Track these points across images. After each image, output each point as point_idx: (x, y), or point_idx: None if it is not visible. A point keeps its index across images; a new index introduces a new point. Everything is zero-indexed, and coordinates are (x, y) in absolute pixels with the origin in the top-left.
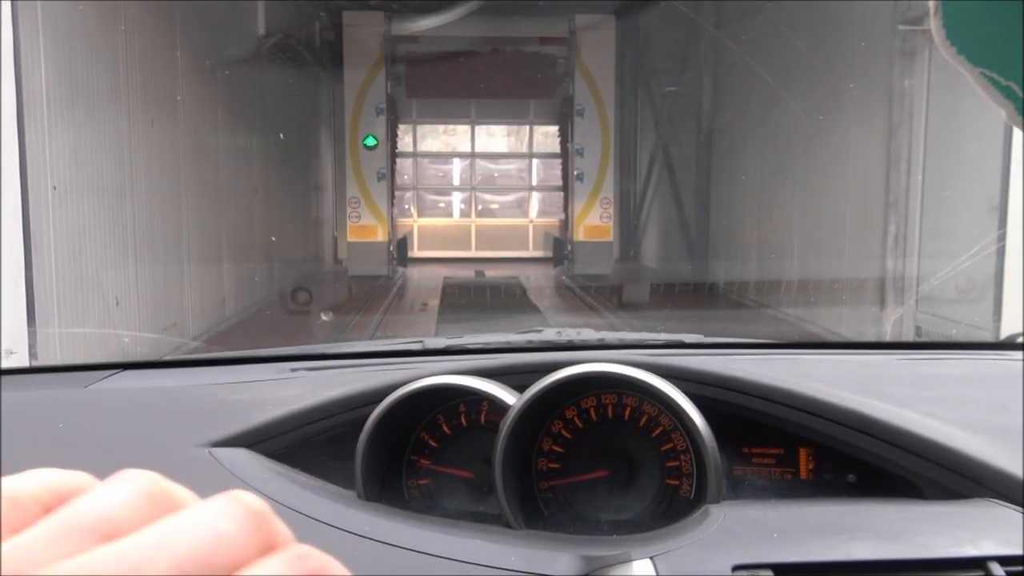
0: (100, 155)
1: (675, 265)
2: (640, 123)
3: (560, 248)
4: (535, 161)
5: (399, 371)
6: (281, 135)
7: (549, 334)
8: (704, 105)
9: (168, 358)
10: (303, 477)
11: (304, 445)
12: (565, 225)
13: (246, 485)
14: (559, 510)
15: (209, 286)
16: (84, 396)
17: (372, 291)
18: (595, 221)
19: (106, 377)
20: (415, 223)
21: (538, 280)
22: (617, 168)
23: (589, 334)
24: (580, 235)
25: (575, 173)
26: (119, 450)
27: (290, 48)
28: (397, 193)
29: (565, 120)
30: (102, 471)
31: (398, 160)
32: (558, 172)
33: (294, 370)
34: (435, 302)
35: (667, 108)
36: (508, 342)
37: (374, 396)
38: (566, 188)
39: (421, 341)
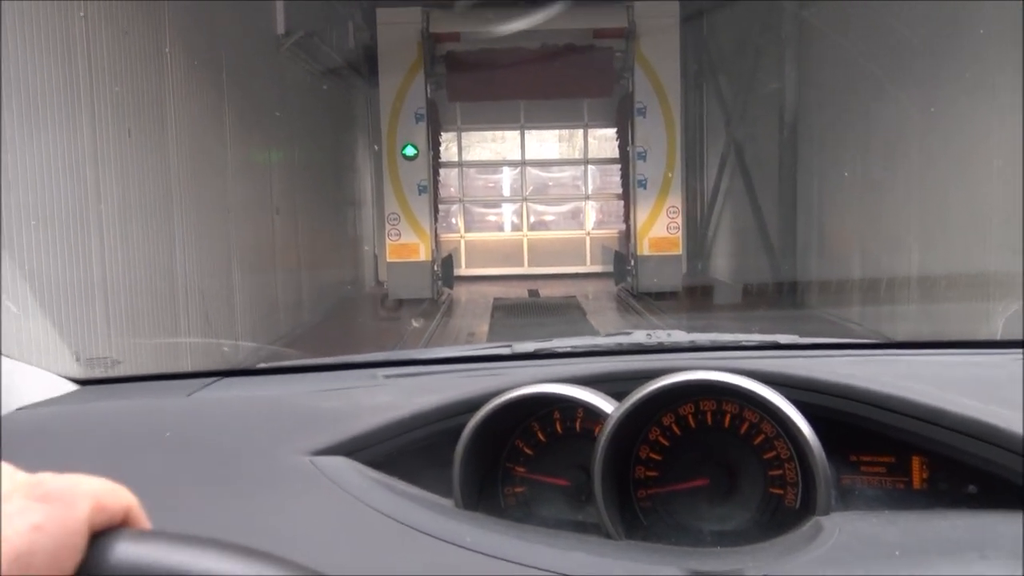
0: (50, 171)
1: (750, 276)
2: (707, 121)
3: (622, 263)
4: (591, 168)
5: (490, 376)
6: (310, 147)
7: (639, 336)
8: (787, 98)
9: (263, 365)
10: (401, 485)
11: (401, 453)
12: (627, 237)
13: (347, 494)
14: (659, 520)
15: (217, 324)
16: (187, 404)
17: (412, 316)
18: (661, 232)
19: (207, 385)
20: (462, 238)
21: (599, 299)
22: (684, 172)
23: (680, 336)
24: (645, 248)
25: (637, 179)
26: (223, 458)
27: (315, 48)
28: (441, 207)
29: (624, 121)
30: (208, 480)
31: (441, 171)
32: (617, 179)
33: (386, 376)
34: (484, 328)
35: (740, 103)
36: (597, 345)
37: (469, 404)
38: (627, 196)
39: (510, 345)
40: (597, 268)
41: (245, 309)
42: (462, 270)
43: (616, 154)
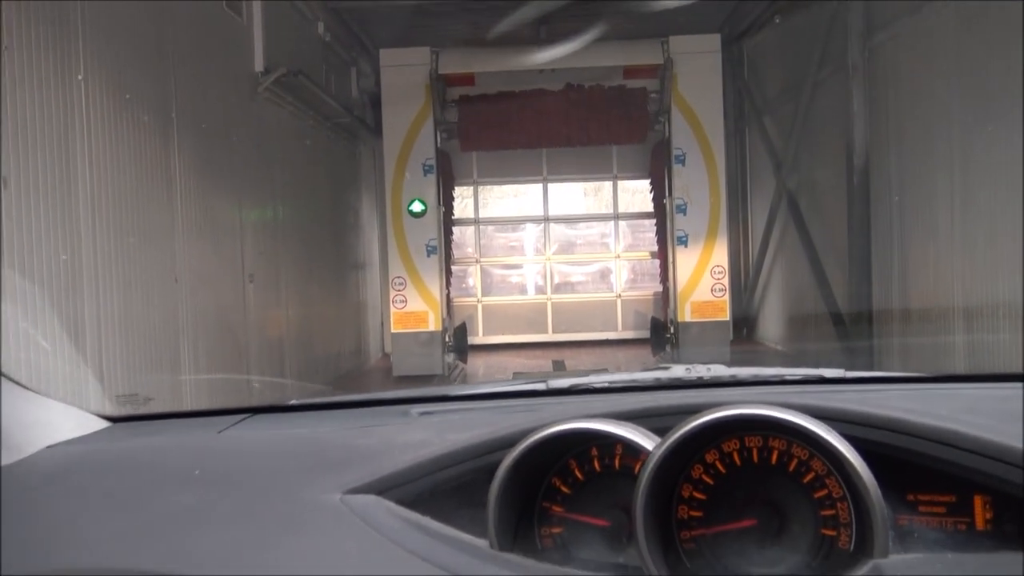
0: None
1: (809, 342)
2: (752, 169)
3: (660, 330)
4: (622, 223)
5: (525, 413)
6: (301, 203)
7: (678, 371)
8: (856, 139)
9: (295, 402)
10: (434, 526)
11: (434, 492)
12: (665, 300)
13: (378, 534)
14: (704, 563)
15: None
16: (218, 441)
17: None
18: (705, 296)
19: (238, 422)
20: (478, 303)
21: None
22: (727, 227)
23: (720, 370)
24: (687, 314)
25: (677, 235)
26: (253, 497)
27: (303, 90)
28: (455, 268)
29: (660, 170)
30: (238, 518)
31: (455, 228)
32: (651, 235)
33: (420, 413)
34: None
35: (793, 147)
36: (635, 380)
37: (504, 442)
38: (664, 254)
39: (545, 381)
40: (629, 334)
41: (200, 390)
42: (479, 338)
43: (650, 207)
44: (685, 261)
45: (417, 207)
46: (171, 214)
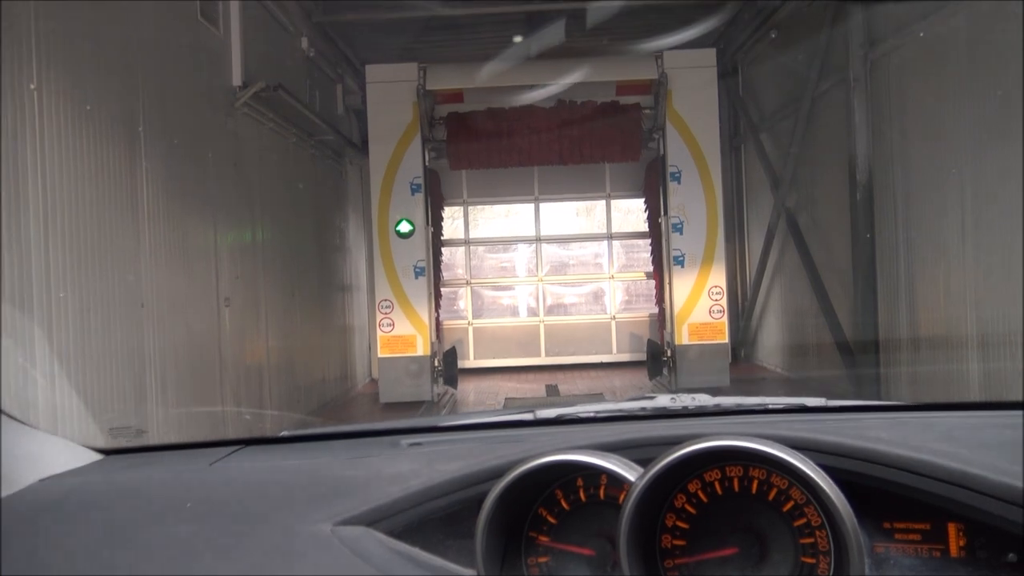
0: None
1: (809, 366)
2: (748, 187)
3: (657, 354)
4: (615, 243)
5: (512, 444)
6: (285, 224)
7: (663, 400)
8: (858, 154)
9: (286, 434)
10: (423, 556)
11: (423, 522)
12: (661, 322)
13: (368, 565)
14: None
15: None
16: (209, 474)
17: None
18: (703, 317)
19: (229, 454)
20: (469, 325)
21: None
22: (723, 247)
23: (704, 399)
24: (684, 336)
25: (673, 255)
26: (245, 528)
27: (285, 106)
28: (445, 291)
29: (655, 188)
30: (229, 550)
31: (444, 250)
32: (646, 255)
33: (409, 444)
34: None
35: (791, 164)
36: (620, 410)
37: (491, 473)
38: (660, 275)
39: (532, 411)
40: (625, 356)
41: (168, 423)
42: (470, 362)
43: (644, 227)
44: (682, 282)
45: (404, 227)
46: (136, 234)
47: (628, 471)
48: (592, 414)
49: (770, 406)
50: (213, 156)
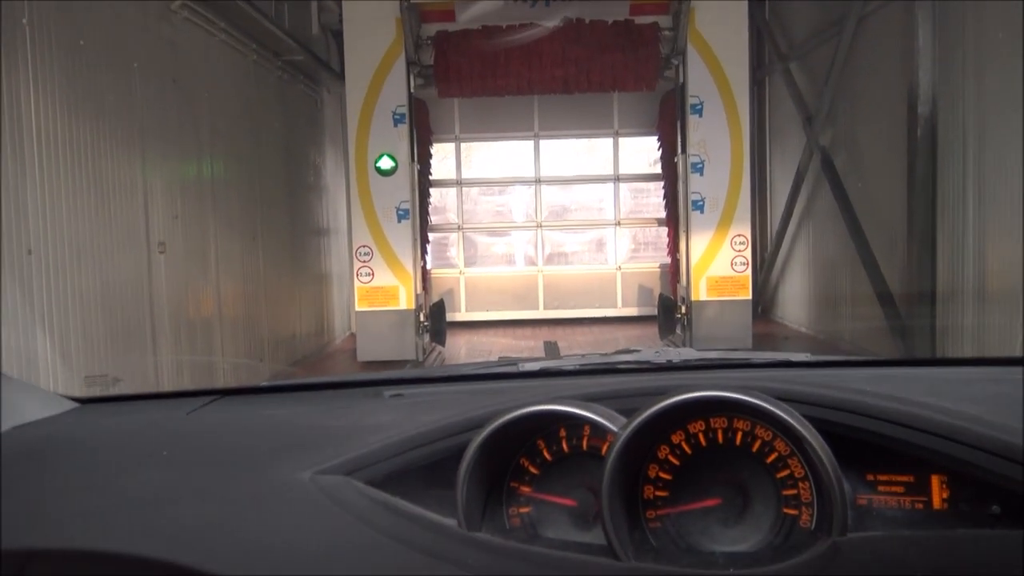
0: None
1: (843, 324)
2: (773, 124)
3: (670, 310)
4: (623, 186)
5: (495, 395)
6: (241, 158)
7: (648, 354)
8: (920, 82)
9: (265, 384)
10: (403, 505)
11: (404, 472)
12: (674, 275)
13: (347, 513)
14: (669, 541)
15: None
16: (187, 423)
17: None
18: (724, 270)
19: (207, 403)
20: (461, 275)
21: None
22: (748, 190)
23: (690, 354)
24: (701, 291)
25: (692, 199)
26: (222, 477)
27: (242, 16)
28: (433, 236)
29: (670, 123)
30: (206, 498)
31: (432, 191)
32: (656, 200)
33: (391, 395)
34: None
35: (830, 95)
36: (605, 362)
37: (473, 423)
38: (674, 222)
39: (516, 364)
40: (631, 311)
41: (74, 389)
42: (461, 315)
43: (655, 168)
44: (701, 229)
45: (386, 163)
46: (19, 162)
47: (611, 422)
48: (576, 367)
49: (755, 360)
50: (140, 69)
